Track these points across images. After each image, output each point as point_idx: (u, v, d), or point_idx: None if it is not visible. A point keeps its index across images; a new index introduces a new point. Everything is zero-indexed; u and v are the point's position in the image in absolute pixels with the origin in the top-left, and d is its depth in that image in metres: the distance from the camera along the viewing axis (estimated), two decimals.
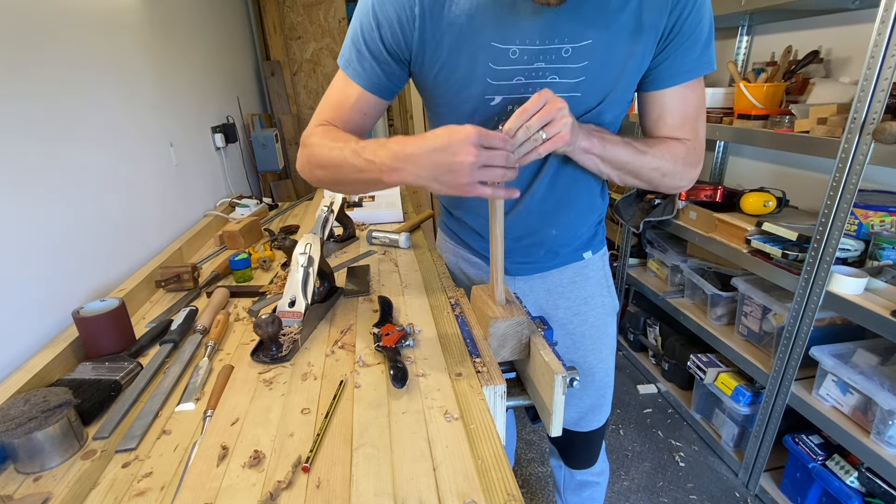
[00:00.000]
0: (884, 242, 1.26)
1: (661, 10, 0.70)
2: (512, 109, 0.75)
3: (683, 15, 0.71)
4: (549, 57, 0.72)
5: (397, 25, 0.73)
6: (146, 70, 1.41)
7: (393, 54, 0.76)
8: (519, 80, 0.74)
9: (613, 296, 1.04)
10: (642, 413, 2.00)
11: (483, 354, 0.76)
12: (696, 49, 0.74)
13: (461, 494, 0.52)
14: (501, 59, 0.72)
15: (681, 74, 0.76)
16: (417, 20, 0.72)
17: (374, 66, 0.77)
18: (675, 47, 0.74)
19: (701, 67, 0.76)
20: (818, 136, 1.28)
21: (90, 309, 0.85)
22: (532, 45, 0.71)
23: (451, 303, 0.95)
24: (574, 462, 1.16)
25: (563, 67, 0.72)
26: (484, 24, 0.71)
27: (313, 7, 2.69)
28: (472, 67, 0.73)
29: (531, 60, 0.72)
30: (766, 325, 1.56)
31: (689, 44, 0.73)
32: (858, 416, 1.25)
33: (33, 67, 0.94)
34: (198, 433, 0.66)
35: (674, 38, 0.73)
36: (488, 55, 0.72)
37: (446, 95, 0.79)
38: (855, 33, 1.48)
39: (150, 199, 1.35)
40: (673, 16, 0.71)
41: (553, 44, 0.71)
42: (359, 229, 1.47)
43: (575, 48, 0.71)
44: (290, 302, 0.87)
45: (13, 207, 0.86)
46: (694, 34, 0.73)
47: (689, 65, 0.75)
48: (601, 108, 0.77)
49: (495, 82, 0.74)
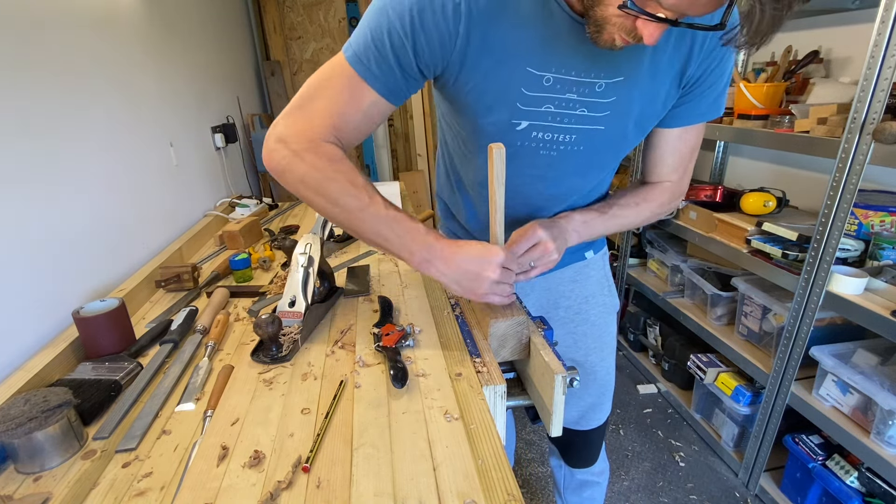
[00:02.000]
0: (884, 242, 1.26)
1: (694, 58, 0.72)
2: (537, 136, 0.75)
3: (712, 66, 0.73)
4: (583, 90, 0.71)
5: (437, 42, 0.67)
6: (146, 70, 1.41)
7: (423, 67, 0.70)
8: (548, 108, 0.72)
9: (614, 294, 1.05)
10: (642, 413, 2.00)
11: (483, 354, 0.76)
12: (711, 96, 0.77)
13: (461, 494, 0.52)
14: (534, 86, 0.70)
15: (691, 118, 0.79)
16: (460, 40, 0.67)
17: (396, 72, 0.69)
18: (696, 94, 0.76)
19: (711, 113, 0.79)
20: (818, 136, 1.28)
21: (90, 309, 0.85)
22: (568, 75, 0.69)
23: (451, 303, 0.95)
24: (574, 461, 1.16)
25: (593, 102, 0.72)
26: (523, 48, 0.68)
27: (313, 7, 2.69)
28: (505, 91, 0.71)
29: (563, 90, 0.71)
30: (766, 325, 1.56)
31: (708, 91, 0.76)
32: (858, 416, 1.25)
33: (33, 67, 0.94)
34: (198, 433, 0.65)
35: (698, 85, 0.75)
36: (522, 80, 0.69)
37: (473, 116, 0.75)
38: (855, 33, 1.48)
39: (150, 199, 1.35)
40: (703, 65, 0.73)
41: (589, 77, 0.70)
42: None
43: (608, 84, 0.71)
44: (290, 302, 0.87)
45: (13, 207, 0.86)
46: (715, 84, 0.75)
47: (701, 109, 0.78)
48: (623, 141, 0.79)
49: (524, 108, 0.72)
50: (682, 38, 0.70)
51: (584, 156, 0.78)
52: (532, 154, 0.77)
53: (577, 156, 0.78)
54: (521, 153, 0.77)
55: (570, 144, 0.76)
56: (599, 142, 0.77)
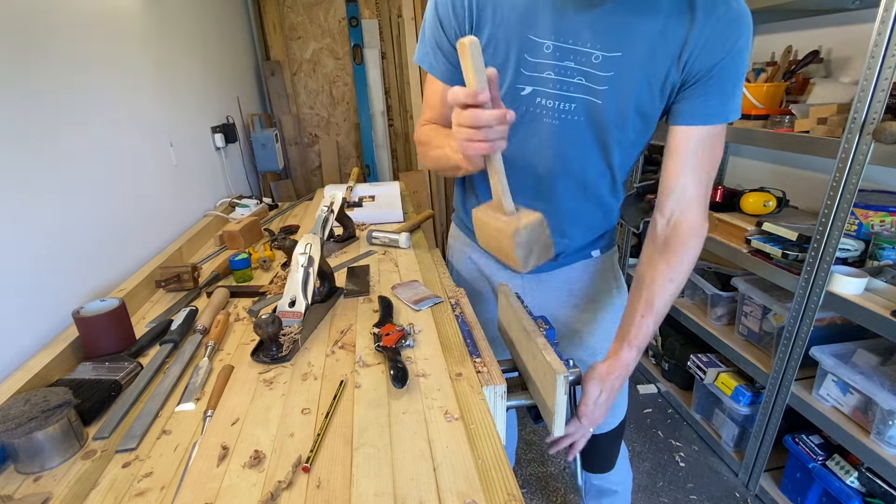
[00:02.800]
0: (884, 242, 1.26)
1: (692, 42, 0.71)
2: (540, 102, 0.79)
3: (717, 59, 0.72)
4: (580, 59, 0.74)
5: (453, 14, 0.78)
6: (146, 70, 1.41)
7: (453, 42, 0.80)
8: (549, 75, 0.77)
9: (623, 295, 1.03)
10: (642, 413, 2.00)
11: (483, 354, 0.76)
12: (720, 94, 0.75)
13: (461, 494, 0.52)
14: (536, 52, 0.75)
15: (697, 116, 0.77)
16: (472, 10, 0.77)
17: (444, 60, 0.83)
18: (702, 88, 0.75)
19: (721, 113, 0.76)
20: (818, 136, 1.28)
21: (90, 309, 0.85)
22: (566, 43, 0.74)
23: (451, 303, 0.95)
24: (590, 465, 1.15)
25: (590, 72, 0.75)
26: (526, 16, 0.74)
27: (313, 7, 2.69)
28: (508, 56, 0.77)
29: (562, 58, 0.75)
30: (766, 325, 1.56)
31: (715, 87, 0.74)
32: (858, 416, 1.25)
33: (32, 66, 0.94)
34: (198, 433, 0.65)
35: (704, 78, 0.74)
36: (524, 46, 0.75)
37: None
38: (855, 33, 1.48)
39: (150, 199, 1.35)
40: (706, 55, 0.72)
41: (585, 46, 0.73)
42: (359, 229, 1.47)
43: (605, 57, 0.73)
44: (290, 302, 0.87)
45: (13, 207, 0.86)
46: (724, 80, 0.74)
47: (714, 108, 0.76)
48: (623, 123, 0.79)
49: (527, 73, 0.77)
50: (679, 20, 0.71)
51: (585, 129, 0.80)
52: (536, 121, 0.81)
53: (577, 127, 0.79)
54: (526, 119, 0.81)
55: (570, 113, 0.78)
56: (599, 117, 0.78)
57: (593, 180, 0.87)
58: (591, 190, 0.88)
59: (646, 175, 2.12)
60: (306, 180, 2.92)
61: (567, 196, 0.88)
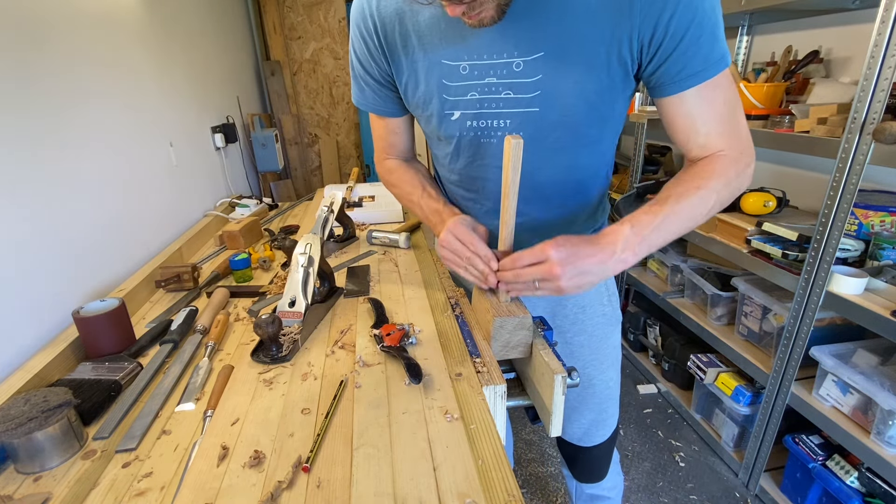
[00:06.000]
0: (884, 242, 1.26)
1: (630, 16, 0.63)
2: (471, 125, 0.77)
3: (664, 18, 0.63)
4: (500, 71, 0.71)
5: (369, 55, 0.80)
6: (146, 70, 1.41)
7: (380, 81, 0.83)
8: (473, 96, 0.74)
9: (615, 306, 0.99)
10: (642, 413, 2.00)
11: (483, 354, 0.76)
12: (699, 49, 0.65)
13: (461, 494, 0.52)
14: (453, 76, 0.73)
15: (690, 77, 0.67)
16: (381, 46, 0.78)
17: (373, 94, 0.85)
18: (671, 51, 0.65)
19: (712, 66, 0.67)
20: (818, 136, 1.28)
21: (90, 309, 0.85)
22: (480, 59, 0.71)
23: (451, 303, 0.95)
24: (582, 476, 1.13)
25: (516, 82, 0.71)
26: (434, 41, 0.73)
27: (313, 7, 2.69)
28: (429, 84, 0.76)
29: (482, 75, 0.72)
30: (766, 325, 1.56)
31: (686, 45, 0.64)
32: (858, 416, 1.25)
33: (32, 67, 0.94)
34: (198, 433, 0.65)
35: (663, 42, 0.65)
36: (441, 72, 0.74)
37: (416, 111, 0.84)
38: (855, 33, 1.48)
39: (150, 199, 1.35)
40: (650, 20, 0.63)
41: (502, 58, 0.70)
42: (359, 229, 1.47)
43: (527, 62, 0.69)
44: (290, 302, 0.87)
45: (13, 207, 0.86)
46: (688, 34, 0.64)
47: (696, 66, 0.66)
48: (572, 123, 0.73)
49: (451, 98, 0.76)
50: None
51: (531, 141, 0.72)
52: (475, 144, 0.79)
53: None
54: (464, 144, 0.80)
55: (506, 130, 0.75)
56: (540, 124, 0.73)
57: (559, 189, 0.83)
58: (560, 198, 0.84)
59: (646, 175, 2.12)
60: (306, 180, 2.93)
61: (538, 208, 0.84)
